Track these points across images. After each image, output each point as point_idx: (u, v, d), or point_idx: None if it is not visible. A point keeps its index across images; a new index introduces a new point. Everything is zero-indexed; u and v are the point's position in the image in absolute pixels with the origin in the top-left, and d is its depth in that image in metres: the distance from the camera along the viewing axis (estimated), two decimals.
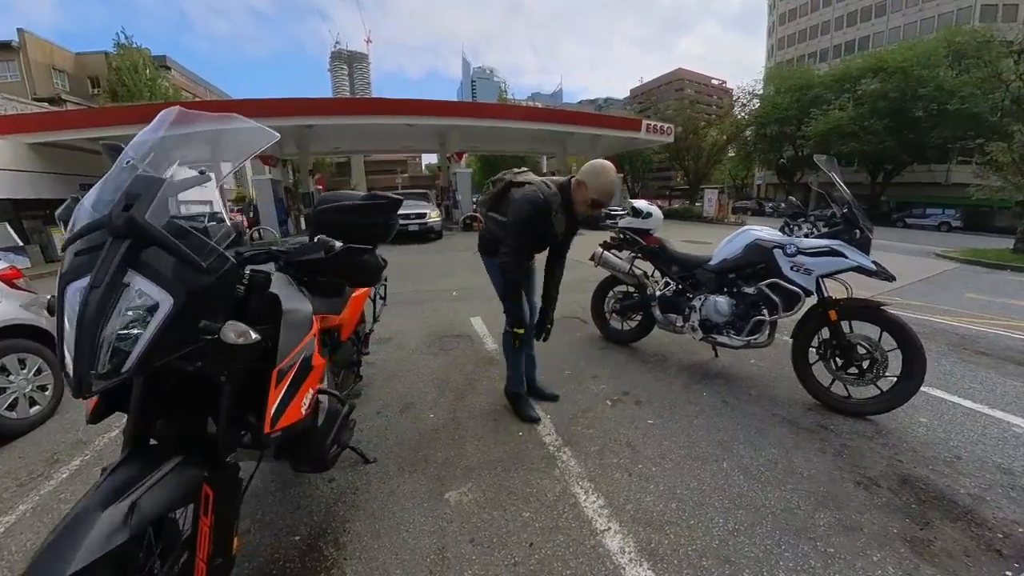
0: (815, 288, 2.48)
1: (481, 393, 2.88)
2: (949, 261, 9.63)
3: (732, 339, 2.82)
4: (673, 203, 32.22)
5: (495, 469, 2.11)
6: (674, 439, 2.26)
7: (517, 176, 2.34)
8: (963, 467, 1.99)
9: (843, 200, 2.46)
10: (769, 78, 31.19)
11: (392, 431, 2.52)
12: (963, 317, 4.63)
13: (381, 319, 3.14)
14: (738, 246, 2.82)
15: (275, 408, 1.25)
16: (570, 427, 2.42)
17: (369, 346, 3.64)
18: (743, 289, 2.79)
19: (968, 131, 20.72)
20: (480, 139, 19.51)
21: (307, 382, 1.40)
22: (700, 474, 1.97)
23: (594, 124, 18.29)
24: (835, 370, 2.50)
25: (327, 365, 2.23)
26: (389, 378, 3.24)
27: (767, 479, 1.92)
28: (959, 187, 26.28)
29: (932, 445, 2.17)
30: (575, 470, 2.05)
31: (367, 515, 1.87)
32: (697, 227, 17.71)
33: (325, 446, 1.64)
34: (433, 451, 2.29)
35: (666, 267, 3.31)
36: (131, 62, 22.13)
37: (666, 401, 2.67)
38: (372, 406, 2.81)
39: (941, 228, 23.81)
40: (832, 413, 2.47)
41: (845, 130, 22.78)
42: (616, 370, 3.18)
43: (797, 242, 2.51)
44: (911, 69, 21.63)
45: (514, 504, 1.87)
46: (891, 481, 1.91)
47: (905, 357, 2.25)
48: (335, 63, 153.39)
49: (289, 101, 13.81)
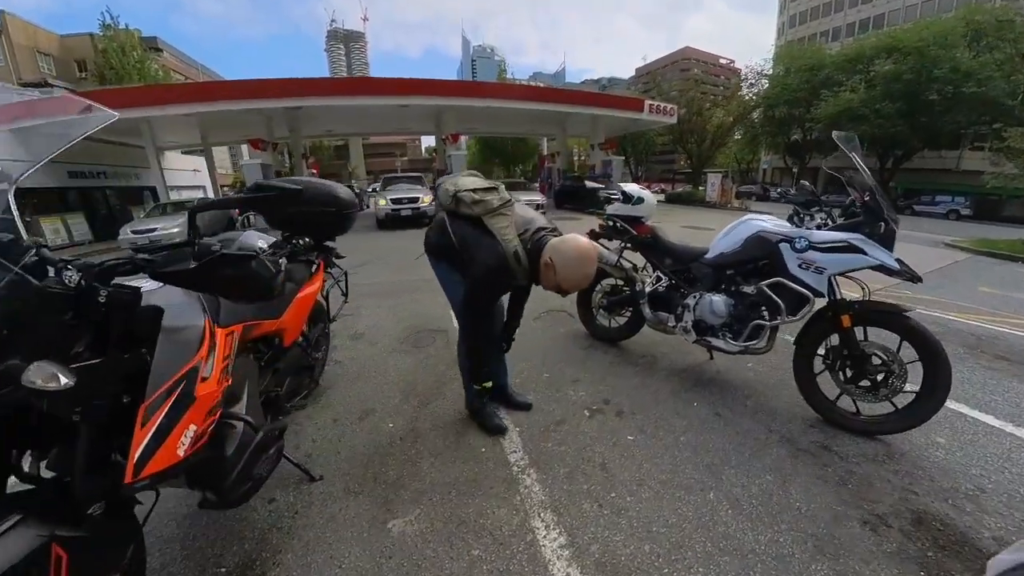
0: (826, 289, 2.13)
1: (448, 399, 2.62)
2: (960, 251, 9.26)
3: (728, 343, 2.52)
4: (676, 187, 31.57)
5: (449, 493, 1.85)
6: (656, 461, 1.99)
7: (497, 209, 1.86)
8: (988, 502, 1.72)
9: (865, 186, 2.07)
10: (779, 57, 30.13)
11: (346, 442, 2.27)
12: (978, 314, 4.32)
13: (368, 312, 2.85)
14: (738, 238, 2.47)
15: (140, 451, 1.02)
16: (540, 443, 2.15)
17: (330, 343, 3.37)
18: (742, 288, 2.47)
19: (983, 116, 19.97)
20: (477, 120, 18.92)
21: (188, 416, 1.14)
22: (682, 507, 1.70)
23: (594, 104, 17.68)
24: (844, 382, 2.19)
25: (267, 377, 1.97)
26: (354, 379, 2.99)
27: (759, 515, 1.65)
28: (971, 174, 25.62)
29: (951, 473, 1.88)
30: (538, 497, 1.79)
31: (301, 545, 1.65)
32: (699, 212, 17.27)
33: (231, 481, 1.38)
34: (385, 468, 2.04)
35: (658, 260, 2.99)
36: (118, 44, 21.36)
37: (651, 413, 2.39)
38: (330, 412, 2.56)
39: (950, 216, 23.28)
40: (837, 431, 2.18)
41: (856, 113, 22.03)
42: (599, 374, 2.89)
43: (808, 235, 2.14)
44: (927, 49, 20.73)
45: (463, 538, 1.62)
46: (903, 520, 1.63)
47: (927, 371, 1.94)
48: (331, 43, 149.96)
49: (275, 82, 13.25)
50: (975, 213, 23.12)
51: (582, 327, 3.62)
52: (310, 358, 2.38)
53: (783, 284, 2.20)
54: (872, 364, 2.09)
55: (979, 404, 2.44)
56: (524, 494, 1.81)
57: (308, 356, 2.35)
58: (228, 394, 1.43)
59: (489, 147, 38.44)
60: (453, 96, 15.07)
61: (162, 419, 1.06)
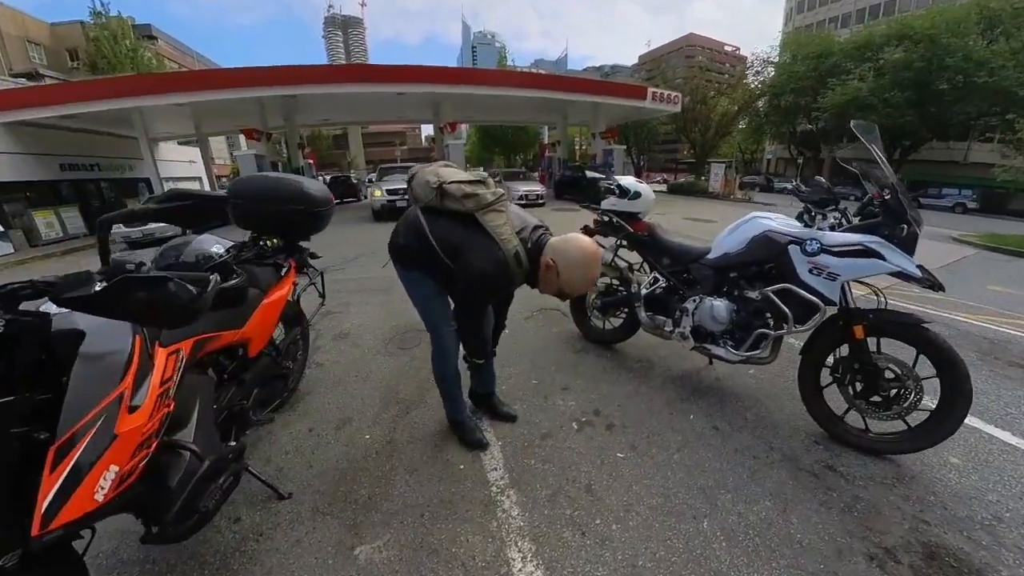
0: (839, 296, 1.94)
1: (430, 407, 2.48)
2: (967, 246, 9.04)
3: (729, 352, 2.35)
4: (679, 177, 31.16)
5: (422, 516, 1.72)
6: (646, 482, 1.84)
7: (492, 205, 1.63)
8: (1006, 534, 1.57)
9: (885, 181, 1.86)
10: (786, 44, 29.42)
11: (319, 455, 2.14)
12: (990, 315, 4.15)
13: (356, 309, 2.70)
14: (742, 238, 2.26)
15: (50, 500, 0.91)
16: (522, 459, 2.01)
17: (312, 344, 3.22)
18: (746, 293, 2.29)
19: (994, 106, 19.50)
20: (476, 108, 18.56)
21: (107, 456, 1.00)
22: (672, 537, 1.57)
23: (595, 91, 17.26)
24: (853, 397, 2.02)
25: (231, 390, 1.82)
26: (335, 384, 2.85)
27: (755, 549, 1.51)
28: (979, 167, 25.14)
29: (966, 500, 1.74)
30: (516, 523, 1.65)
31: (263, 572, 1.54)
32: (701, 203, 16.97)
33: (173, 514, 1.25)
34: (357, 486, 1.92)
35: (656, 259, 2.82)
36: (109, 32, 20.89)
37: (644, 426, 2.24)
38: (307, 421, 2.43)
39: (956, 209, 22.93)
40: (843, 448, 2.03)
41: (864, 102, 21.50)
42: (591, 381, 2.75)
43: (820, 236, 1.94)
44: (939, 37, 20.16)
45: (433, 569, 1.50)
46: (914, 555, 1.49)
47: (945, 389, 1.77)
48: (329, 29, 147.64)
49: (268, 70, 12.92)
50: (982, 206, 22.78)
51: (576, 327, 3.47)
52: (281, 367, 2.24)
53: (791, 291, 2.02)
54: (885, 379, 1.92)
55: (995, 418, 2.29)
56: (502, 519, 1.67)
57: (279, 365, 2.21)
58: (172, 419, 1.29)
59: (489, 136, 37.95)
60: (451, 84, 14.71)
61: (75, 462, 0.94)
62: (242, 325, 1.81)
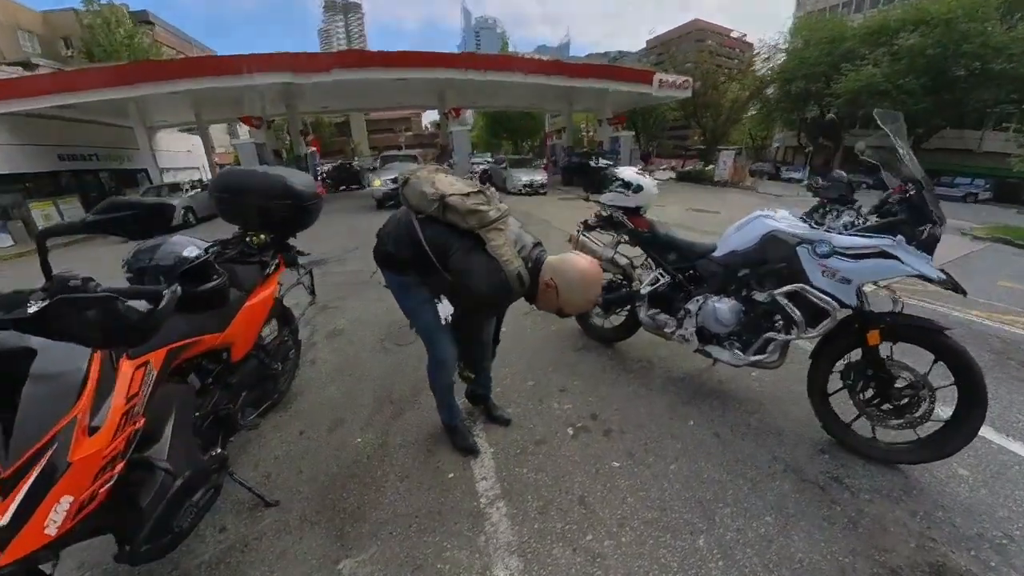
0: (854, 300, 1.84)
1: (424, 408, 2.43)
2: (977, 241, 8.81)
3: (734, 355, 2.27)
4: (687, 164, 30.66)
5: (409, 527, 1.68)
6: (642, 494, 1.78)
7: (495, 223, 1.55)
8: (1017, 555, 1.50)
9: (909, 176, 1.73)
10: (798, 29, 28.54)
11: (310, 460, 2.10)
12: (1001, 313, 4.03)
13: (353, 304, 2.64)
14: (752, 235, 2.16)
15: None
16: (514, 467, 1.96)
17: (308, 341, 3.16)
18: (754, 294, 2.19)
19: (1011, 94, 18.94)
20: (479, 94, 18.22)
21: (59, 487, 0.94)
22: (666, 556, 1.51)
23: (601, 77, 16.92)
24: (863, 403, 1.94)
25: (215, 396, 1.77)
26: (328, 383, 2.81)
27: (753, 569, 1.45)
28: (993, 156, 24.54)
29: (976, 516, 1.66)
30: (505, 537, 1.60)
31: None
32: (708, 192, 16.66)
33: (144, 534, 1.20)
34: (346, 494, 1.88)
35: (658, 256, 2.72)
36: (103, 19, 20.52)
37: (642, 433, 2.18)
38: (298, 422, 2.39)
39: (967, 199, 22.52)
40: (848, 458, 1.95)
41: (878, 88, 20.93)
42: (589, 382, 2.68)
43: (831, 239, 1.84)
44: (956, 22, 19.47)
45: None
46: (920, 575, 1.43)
47: (962, 400, 1.69)
48: (328, 14, 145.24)
49: (267, 57, 12.70)
50: (995, 196, 22.39)
51: (575, 324, 3.39)
52: (270, 368, 2.18)
53: (802, 293, 1.92)
54: (897, 386, 1.84)
55: (1007, 427, 2.20)
56: (490, 533, 1.62)
57: (267, 366, 2.16)
58: (143, 435, 1.23)
59: (497, 122, 37.43)
60: (453, 69, 14.43)
61: (23, 495, 0.87)
62: (224, 328, 1.75)
